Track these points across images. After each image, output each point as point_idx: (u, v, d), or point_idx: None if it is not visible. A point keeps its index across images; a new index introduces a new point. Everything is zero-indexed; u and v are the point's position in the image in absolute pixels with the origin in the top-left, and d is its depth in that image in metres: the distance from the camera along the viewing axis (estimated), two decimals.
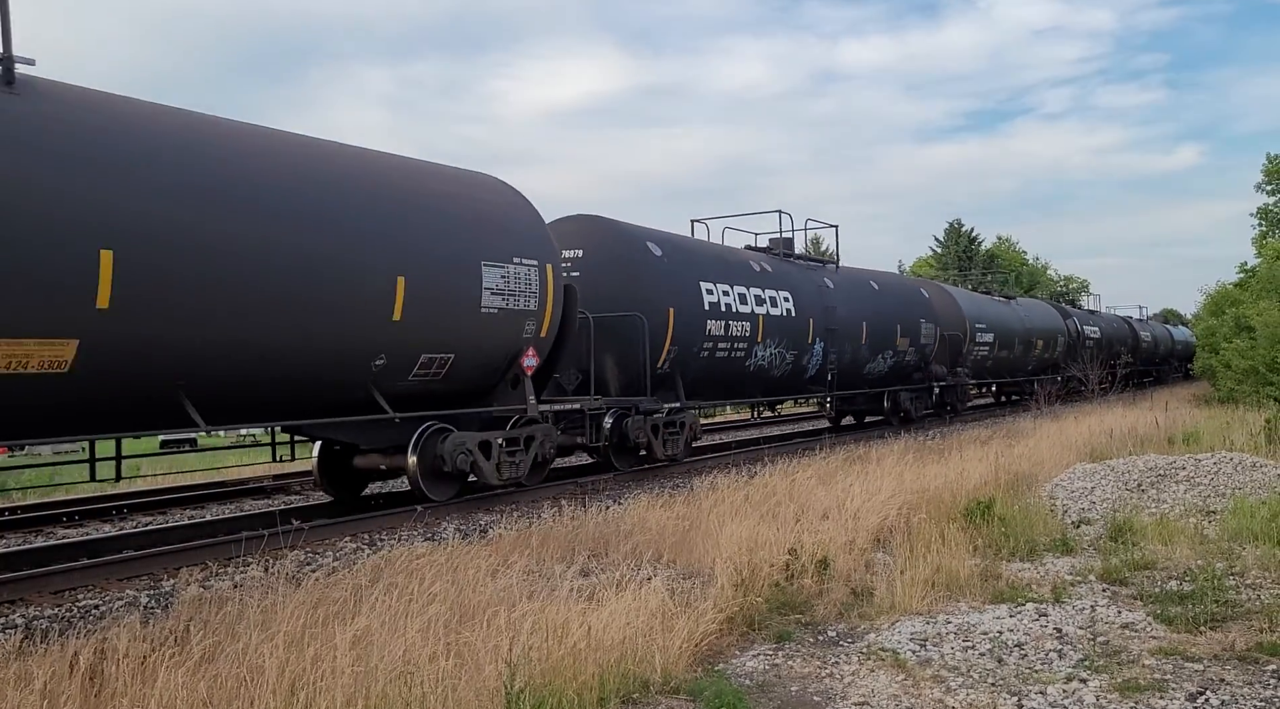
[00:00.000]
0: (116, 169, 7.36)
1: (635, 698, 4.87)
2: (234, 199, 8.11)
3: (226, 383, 8.26)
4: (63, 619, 6.56)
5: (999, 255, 62.03)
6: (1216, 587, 6.79)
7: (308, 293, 8.59)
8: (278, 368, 8.60)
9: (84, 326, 7.04)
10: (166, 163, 7.76)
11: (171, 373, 7.80)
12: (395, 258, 9.35)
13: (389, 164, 10.18)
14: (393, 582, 6.32)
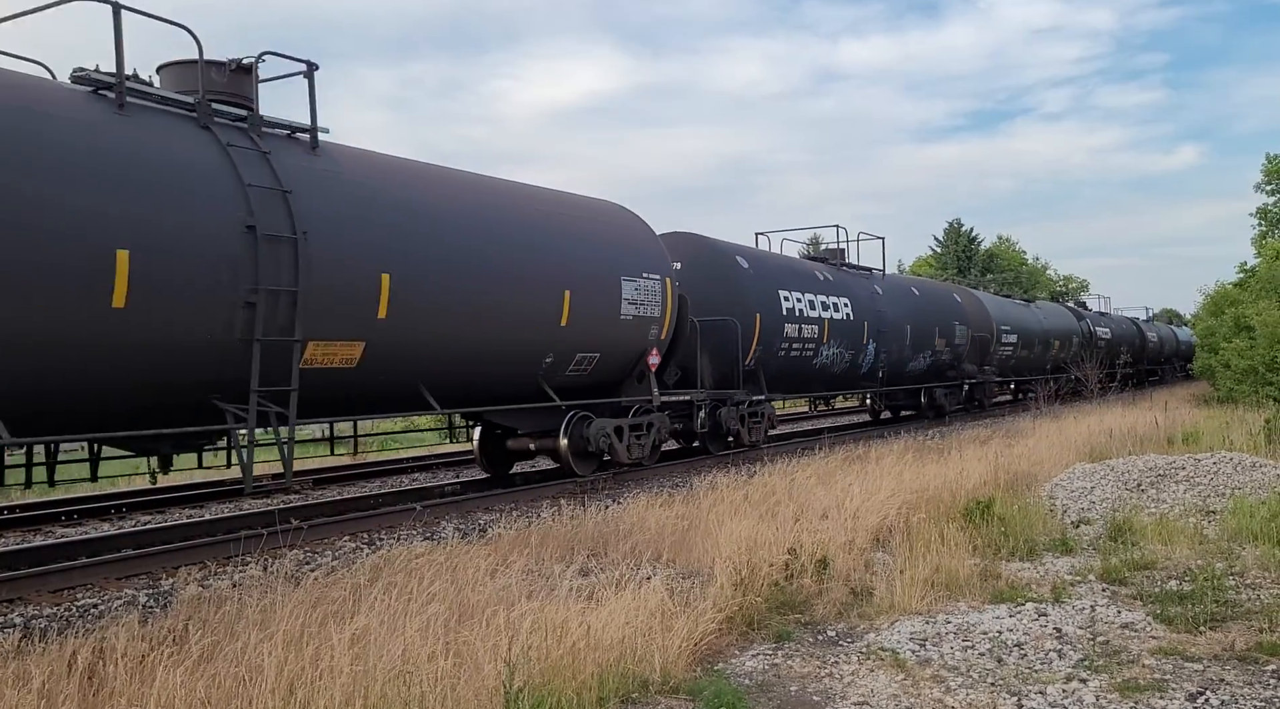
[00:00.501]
0: (390, 207, 9.54)
1: (634, 697, 4.87)
2: (459, 228, 10.34)
3: (450, 375, 10.45)
4: (61, 618, 6.55)
5: (999, 255, 62.01)
6: (1216, 586, 6.79)
7: (508, 303, 10.76)
8: (485, 364, 10.84)
9: (369, 333, 9.17)
10: (416, 201, 9.98)
11: (417, 368, 9.95)
12: (563, 275, 11.53)
13: (548, 196, 12.55)
14: (392, 581, 6.31)
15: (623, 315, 12.45)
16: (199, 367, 7.96)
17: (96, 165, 7.29)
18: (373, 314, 9.15)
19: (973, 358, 23.47)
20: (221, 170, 8.12)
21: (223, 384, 8.11)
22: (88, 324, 7.12)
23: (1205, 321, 35.13)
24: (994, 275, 56.32)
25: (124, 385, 7.65)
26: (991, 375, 24.59)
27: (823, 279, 17.80)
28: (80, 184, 7.12)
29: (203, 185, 7.97)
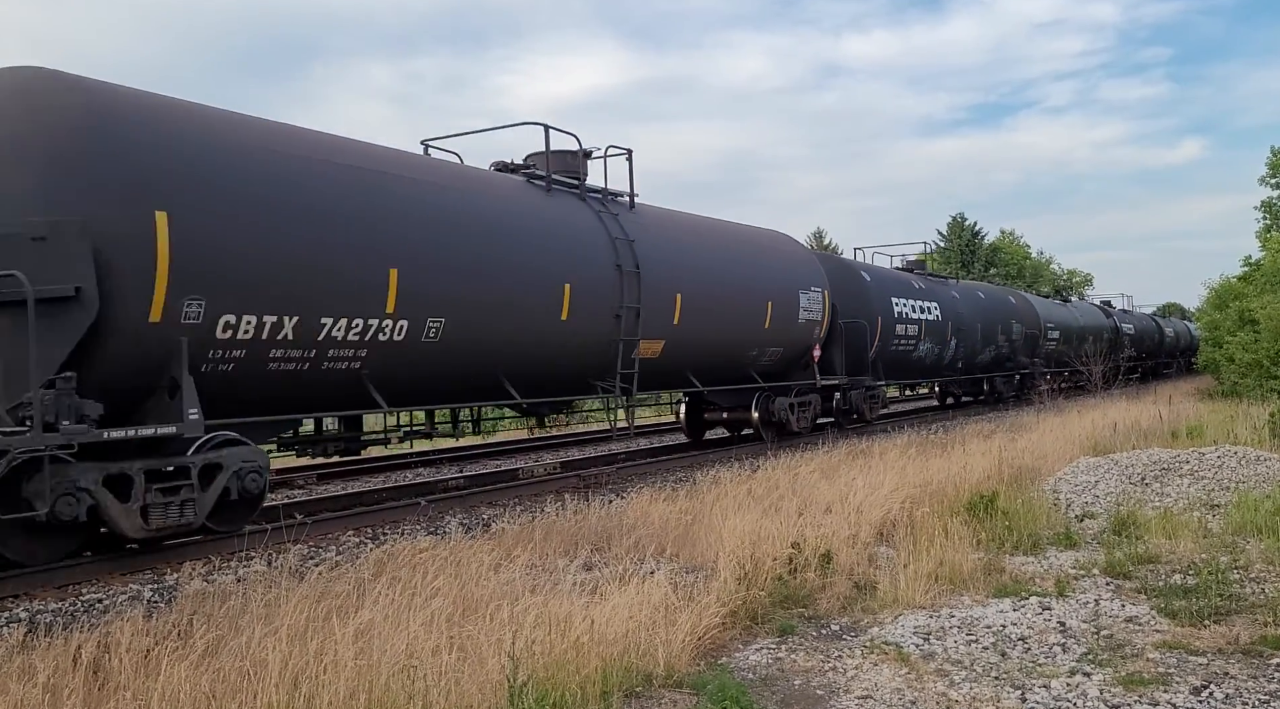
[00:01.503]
0: (677, 250, 13.66)
1: (638, 692, 4.87)
2: (712, 262, 14.38)
3: (706, 363, 14.50)
4: (66, 613, 6.57)
5: (1002, 249, 61.89)
6: (1220, 580, 6.78)
7: (741, 313, 14.87)
8: (725, 356, 14.86)
9: (668, 334, 13.18)
10: (690, 244, 14.21)
11: (690, 358, 14.00)
12: (766, 290, 15.49)
13: (750, 232, 16.69)
14: (395, 575, 6.32)
15: (799, 320, 16.32)
16: (593, 357, 12.12)
17: (547, 228, 11.40)
18: (670, 322, 13.19)
19: (1025, 351, 27.18)
20: (599, 228, 12.25)
21: (598, 368, 12.35)
22: (549, 331, 11.27)
23: (1209, 315, 35.08)
24: (997, 270, 56.23)
25: (563, 368, 11.87)
26: (1040, 367, 28.15)
27: (918, 287, 21.61)
28: (543, 242, 11.21)
29: (594, 239, 12.06)
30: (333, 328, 8.74)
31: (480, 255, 10.19)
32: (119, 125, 7.45)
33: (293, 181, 8.56)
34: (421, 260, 9.50)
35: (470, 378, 10.60)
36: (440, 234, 9.83)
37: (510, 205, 11.11)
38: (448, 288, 9.77)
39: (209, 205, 7.79)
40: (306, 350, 8.65)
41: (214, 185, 7.87)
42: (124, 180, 7.32)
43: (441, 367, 10.08)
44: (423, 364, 9.80)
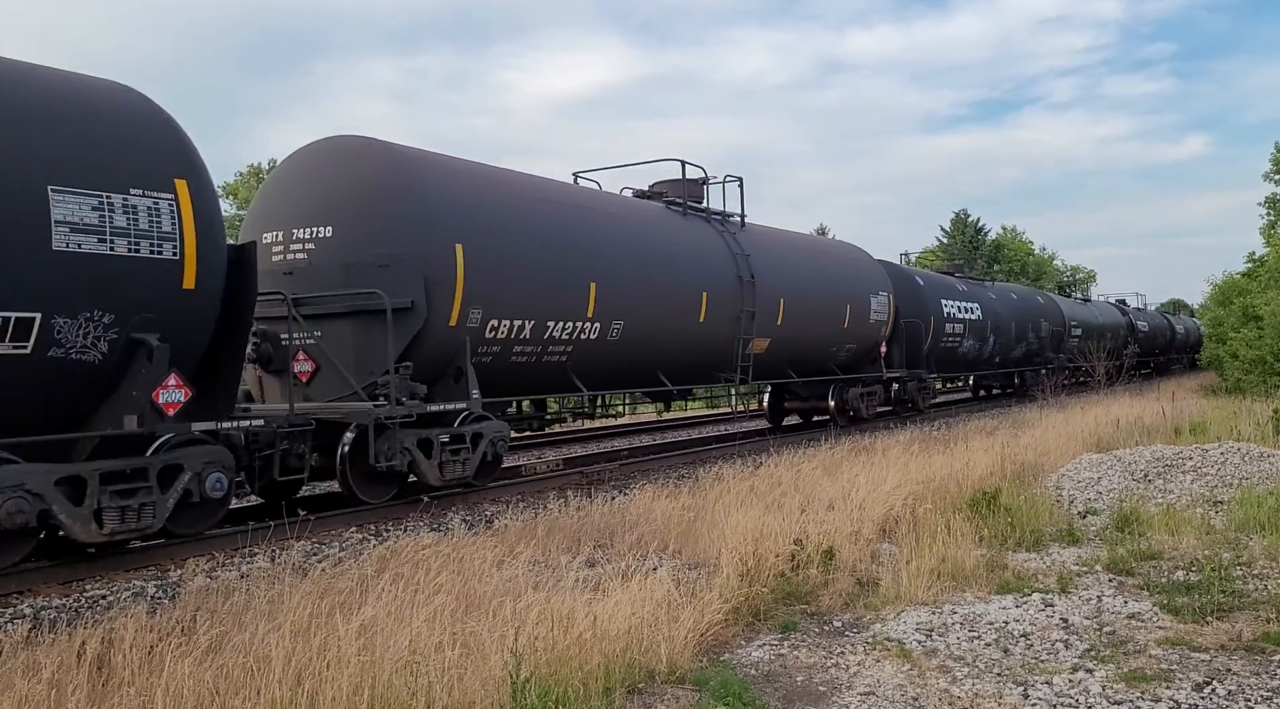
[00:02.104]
0: (779, 262, 15.99)
1: (641, 688, 4.88)
2: (807, 273, 17.01)
3: (799, 358, 17.05)
4: (70, 609, 6.59)
5: (1005, 245, 61.80)
6: (1223, 577, 6.78)
7: (828, 315, 17.47)
8: (813, 351, 17.48)
9: (771, 334, 15.58)
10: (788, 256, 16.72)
11: (789, 354, 16.58)
12: (845, 295, 17.99)
13: (824, 243, 21.68)
14: (399, 572, 6.33)
15: (870, 320, 18.79)
16: (719, 351, 14.67)
17: (687, 247, 14.03)
18: (775, 323, 15.64)
19: (1051, 347, 29.41)
20: (723, 246, 14.85)
21: (721, 361, 14.88)
22: (691, 330, 13.86)
23: (1213, 312, 35.04)
24: (1000, 267, 56.18)
25: (698, 361, 14.41)
26: (1065, 362, 30.24)
27: (961, 289, 24.21)
28: (686, 258, 13.85)
29: (720, 255, 14.63)
30: (553, 329, 11.43)
31: (647, 270, 12.95)
32: (430, 181, 10.33)
33: (532, 219, 11.35)
34: (611, 276, 12.16)
35: (638, 368, 13.39)
36: (622, 254, 12.59)
37: (662, 229, 13.95)
38: (627, 297, 12.41)
39: (484, 239, 10.42)
40: (535, 347, 11.36)
41: (486, 224, 10.57)
42: (437, 223, 10.03)
43: (620, 360, 12.75)
44: (608, 358, 12.50)
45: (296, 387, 9.70)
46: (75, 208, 6.79)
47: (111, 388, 7.29)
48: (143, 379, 7.28)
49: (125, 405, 7.32)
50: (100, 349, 7.07)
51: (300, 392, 9.86)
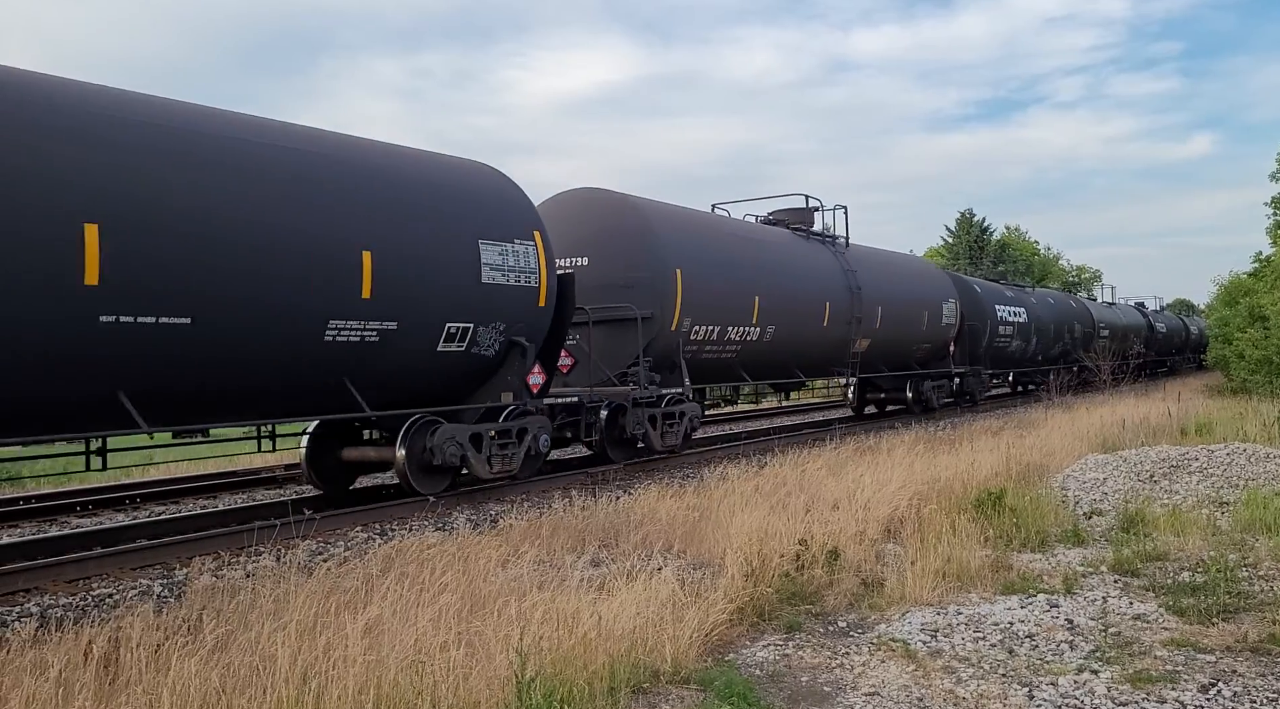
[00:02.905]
0: (874, 275, 19.15)
1: (645, 687, 4.88)
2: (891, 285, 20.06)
3: (892, 355, 20.38)
4: (77, 608, 6.61)
5: (1010, 245, 61.67)
6: (1229, 578, 6.76)
7: (911, 317, 20.78)
8: (899, 350, 20.78)
9: (871, 335, 18.68)
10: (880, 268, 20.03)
11: (885, 354, 19.92)
12: (924, 302, 21.52)
13: (908, 258, 24.38)
14: (404, 571, 6.34)
15: (942, 323, 22.16)
16: (834, 351, 18.03)
17: (811, 266, 17.34)
18: (874, 326, 18.83)
19: (1082, 347, 31.84)
20: (836, 264, 18.10)
21: (835, 358, 18.28)
22: (816, 333, 17.17)
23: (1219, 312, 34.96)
24: (1004, 266, 56.08)
25: (820, 358, 17.95)
26: (1095, 361, 31.95)
27: (1010, 295, 27.42)
28: (812, 275, 17.17)
29: (834, 271, 17.84)
30: (730, 333, 14.90)
31: (789, 285, 16.36)
32: (658, 223, 13.98)
33: (721, 247, 15.04)
34: (768, 290, 15.59)
35: (781, 364, 16.81)
36: (773, 273, 16.05)
37: (794, 251, 17.32)
38: (778, 307, 15.77)
39: (693, 265, 13.95)
40: (719, 346, 14.82)
41: (695, 254, 14.15)
42: (665, 254, 13.60)
43: (772, 357, 16.27)
44: (763, 355, 15.97)
45: (557, 376, 12.52)
46: (492, 254, 10.40)
47: (493, 374, 10.83)
48: (518, 368, 10.86)
49: (503, 385, 10.86)
50: (490, 350, 10.57)
51: (560, 380, 13.02)
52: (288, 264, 8.34)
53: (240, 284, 7.96)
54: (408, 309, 9.47)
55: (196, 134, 8.01)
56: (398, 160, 10.05)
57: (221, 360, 8.09)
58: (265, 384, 8.65)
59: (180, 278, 7.54)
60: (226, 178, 8.00)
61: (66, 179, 6.97)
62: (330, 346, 8.83)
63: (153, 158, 7.53)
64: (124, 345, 7.30)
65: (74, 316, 6.96)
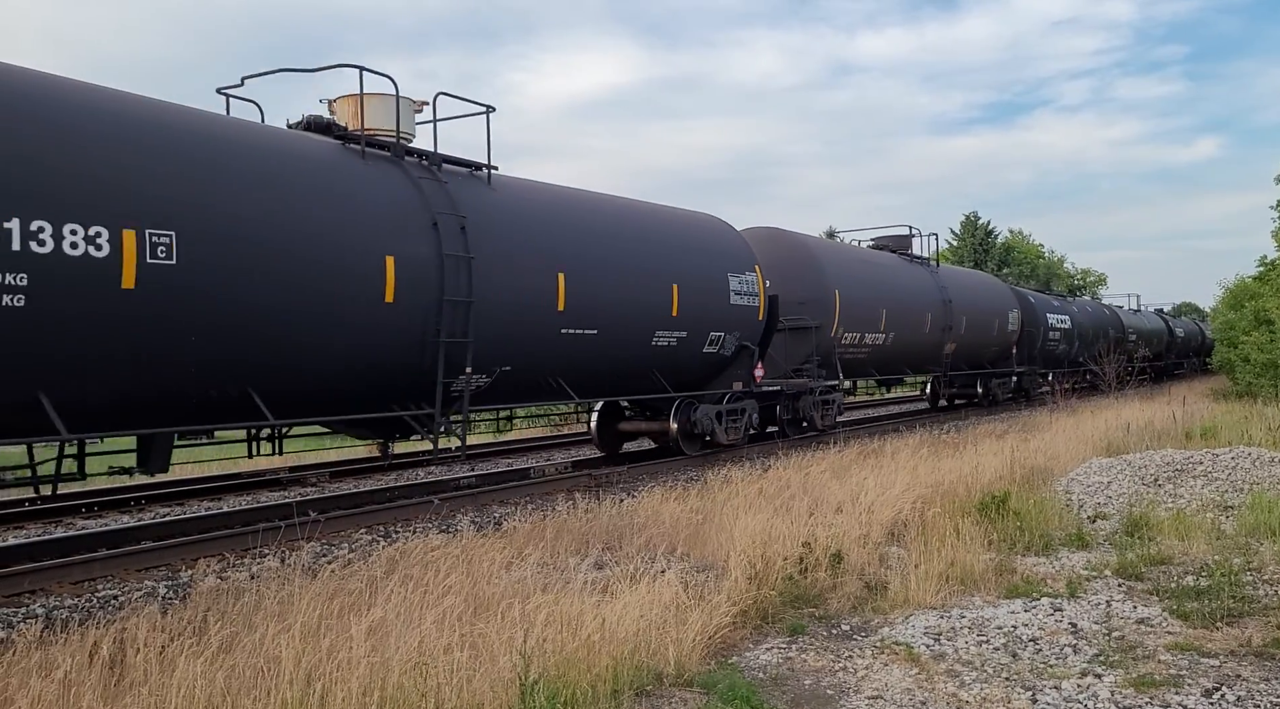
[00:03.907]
0: (960, 287, 23.24)
1: (649, 690, 4.89)
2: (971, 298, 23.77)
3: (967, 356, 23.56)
4: (82, 609, 6.63)
5: (1015, 247, 61.59)
6: (1233, 582, 6.76)
7: (984, 325, 24.12)
8: (972, 351, 23.54)
9: (957, 339, 22.18)
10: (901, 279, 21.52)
11: (963, 355, 23.33)
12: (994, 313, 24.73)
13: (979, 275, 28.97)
14: (408, 573, 6.35)
15: (1008, 329, 25.54)
16: (929, 353, 21.59)
17: (912, 283, 21.33)
18: (960, 331, 22.30)
19: (1114, 349, 33.76)
20: (931, 281, 22.05)
21: (930, 358, 21.80)
22: (919, 337, 20.77)
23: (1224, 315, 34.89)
24: (1010, 269, 56.02)
25: (920, 358, 21.32)
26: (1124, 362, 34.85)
27: (1056, 304, 31.14)
28: (915, 291, 21.08)
29: (930, 287, 21.86)
30: (867, 338, 18.52)
31: (903, 299, 20.00)
32: (821, 255, 17.96)
33: (863, 270, 19.15)
34: (891, 304, 19.27)
35: (894, 363, 20.55)
36: (893, 290, 19.77)
37: (901, 271, 21.06)
38: (897, 317, 19.42)
39: (846, 287, 17.53)
40: (857, 349, 18.49)
41: (847, 279, 17.89)
42: (828, 279, 17.29)
43: (889, 357, 19.94)
44: (885, 356, 19.66)
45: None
46: (734, 282, 14.33)
47: (728, 368, 14.63)
48: (747, 364, 14.85)
49: (734, 377, 14.69)
50: (729, 350, 14.39)
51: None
52: (634, 293, 12.41)
53: (619, 309, 12.11)
54: (694, 323, 13.44)
55: (608, 212, 12.97)
56: (675, 216, 14.49)
57: (611, 357, 12.26)
58: (620, 370, 12.73)
59: (593, 306, 11.63)
60: (627, 242, 12.72)
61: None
62: (654, 349, 12.92)
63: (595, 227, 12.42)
64: (573, 350, 11.57)
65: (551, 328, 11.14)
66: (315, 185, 8.80)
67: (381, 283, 9.00)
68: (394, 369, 9.48)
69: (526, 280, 10.60)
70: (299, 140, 9.31)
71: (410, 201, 9.58)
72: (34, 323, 6.60)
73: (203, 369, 7.82)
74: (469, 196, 10.30)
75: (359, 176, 9.33)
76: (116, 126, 7.35)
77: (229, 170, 8.02)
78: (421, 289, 9.36)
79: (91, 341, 7.02)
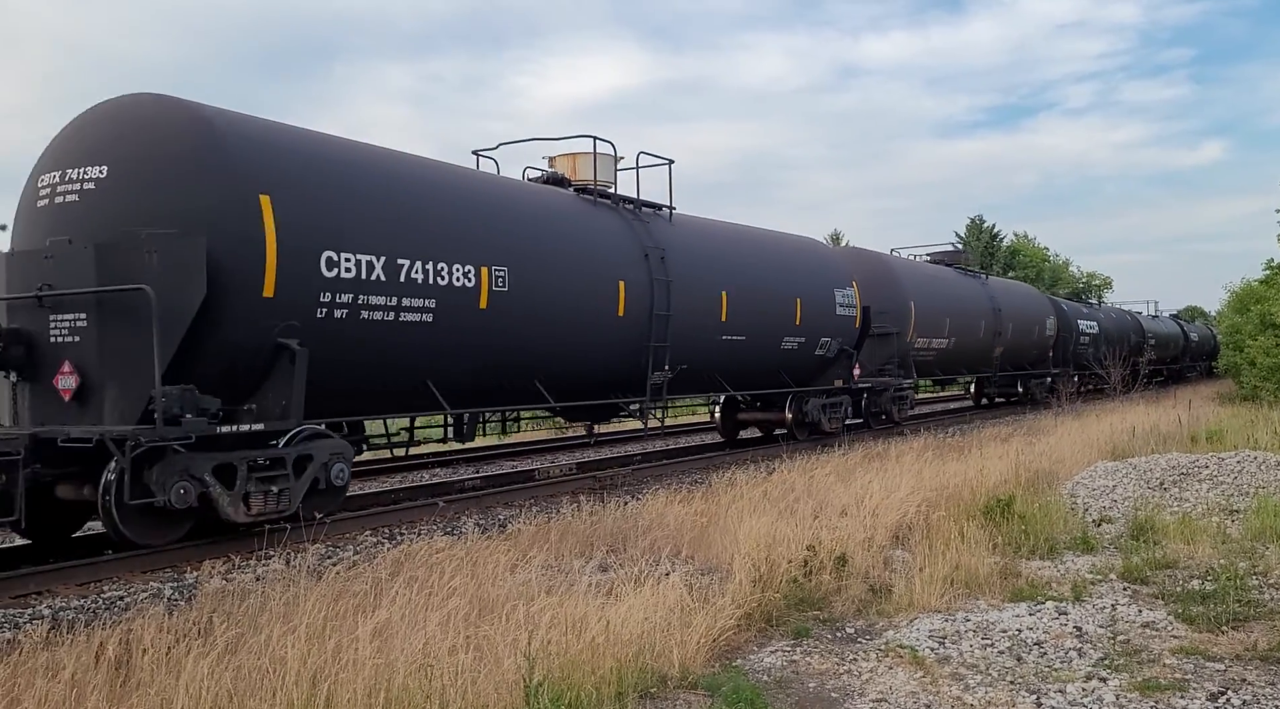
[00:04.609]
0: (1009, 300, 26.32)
1: (653, 693, 4.89)
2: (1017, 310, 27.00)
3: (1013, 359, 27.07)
4: (88, 610, 6.65)
5: (1020, 251, 61.49)
6: (1239, 586, 6.74)
7: (1027, 331, 27.29)
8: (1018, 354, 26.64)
9: (1004, 344, 25.31)
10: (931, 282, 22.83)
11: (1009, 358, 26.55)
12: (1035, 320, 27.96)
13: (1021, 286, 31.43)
14: (412, 575, 6.36)
15: (1046, 334, 28.21)
16: (983, 356, 24.58)
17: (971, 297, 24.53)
18: (1007, 338, 25.08)
19: (1135, 353, 36.04)
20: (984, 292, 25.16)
21: (984, 361, 24.89)
22: (980, 344, 24.14)
23: (1230, 319, 34.81)
24: (1015, 273, 55.93)
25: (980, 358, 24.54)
26: (1145, 366, 36.79)
27: (1085, 311, 34.21)
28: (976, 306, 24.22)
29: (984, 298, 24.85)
30: (934, 343, 21.32)
31: (962, 308, 22.85)
32: (899, 270, 20.96)
33: (927, 283, 21.75)
34: (953, 313, 22.14)
35: (954, 365, 23.46)
36: (953, 300, 22.64)
37: (960, 283, 24.08)
38: (957, 324, 22.23)
39: (918, 297, 20.38)
40: (926, 352, 21.20)
41: (919, 290, 20.70)
42: (904, 288, 20.14)
43: (949, 360, 22.73)
44: (947, 359, 22.49)
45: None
46: (838, 295, 17.00)
47: (830, 367, 17.03)
48: (846, 365, 17.22)
49: (834, 375, 17.17)
50: (832, 353, 16.90)
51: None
52: (771, 306, 15.24)
53: (761, 319, 14.99)
54: (810, 330, 16.17)
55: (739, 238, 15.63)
56: (795, 241, 17.26)
57: (755, 358, 15.18)
58: (759, 368, 15.55)
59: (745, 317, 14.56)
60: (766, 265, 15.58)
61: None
62: (781, 351, 15.75)
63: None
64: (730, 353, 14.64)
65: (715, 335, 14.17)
66: (573, 228, 11.89)
67: (616, 301, 11.99)
68: (619, 366, 12.46)
69: (701, 298, 13.52)
70: (556, 194, 12.41)
71: (628, 237, 12.58)
72: (435, 333, 9.61)
73: (515, 365, 10.86)
74: (660, 232, 13.21)
75: (595, 219, 12.42)
76: (472, 196, 10.64)
77: (530, 221, 11.15)
78: (639, 305, 12.31)
79: (461, 346, 10.03)
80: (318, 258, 8.48)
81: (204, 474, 7.82)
